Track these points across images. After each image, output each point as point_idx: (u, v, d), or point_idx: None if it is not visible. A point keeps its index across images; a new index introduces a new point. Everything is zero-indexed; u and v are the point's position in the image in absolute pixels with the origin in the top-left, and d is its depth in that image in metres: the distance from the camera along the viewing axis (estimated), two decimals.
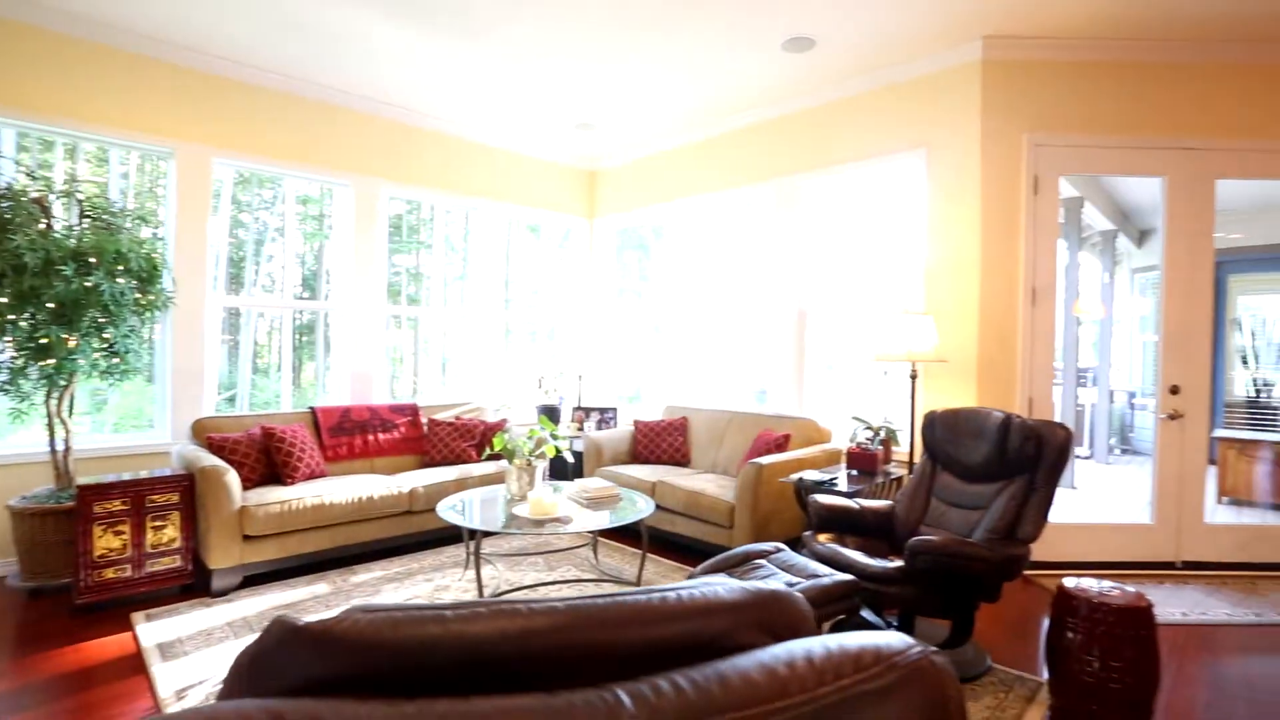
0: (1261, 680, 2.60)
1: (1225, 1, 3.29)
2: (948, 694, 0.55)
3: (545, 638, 0.58)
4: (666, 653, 0.61)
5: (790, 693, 0.54)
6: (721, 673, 0.55)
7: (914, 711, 0.54)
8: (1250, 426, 6.58)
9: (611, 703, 0.52)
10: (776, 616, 0.66)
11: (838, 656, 0.56)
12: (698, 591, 0.66)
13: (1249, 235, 7.00)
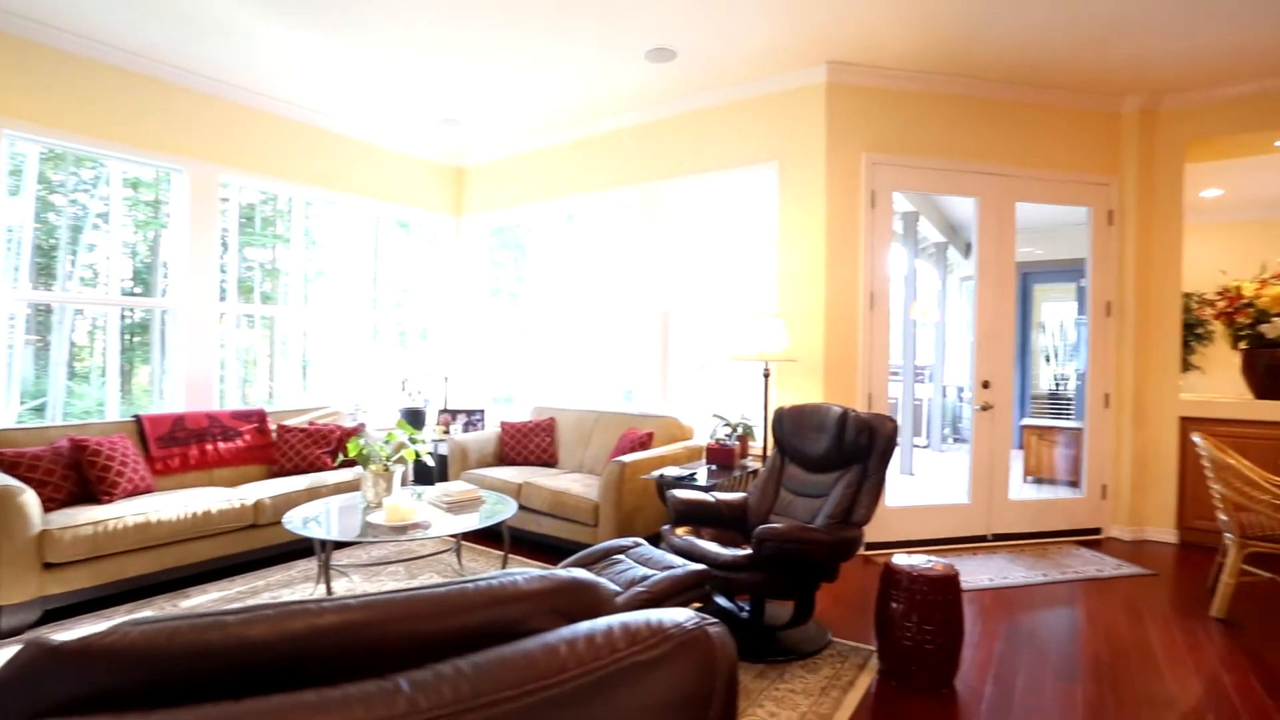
0: (1043, 629, 3.03)
1: (1026, 51, 3.79)
2: (717, 659, 0.62)
3: (337, 635, 0.58)
4: (464, 642, 0.63)
5: (568, 668, 0.58)
6: (504, 655, 0.59)
7: (685, 676, 0.60)
8: (1051, 415, 7.57)
9: (390, 689, 0.54)
10: (573, 601, 0.71)
11: (618, 632, 0.61)
12: (496, 581, 0.69)
13: (1047, 250, 8.07)
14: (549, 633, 0.63)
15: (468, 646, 0.63)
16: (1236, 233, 7.33)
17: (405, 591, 0.63)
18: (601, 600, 0.75)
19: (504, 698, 0.55)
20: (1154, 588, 3.60)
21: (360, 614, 0.60)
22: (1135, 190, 4.49)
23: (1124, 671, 2.66)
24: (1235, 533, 3.17)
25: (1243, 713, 2.37)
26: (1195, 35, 3.63)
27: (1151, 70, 4.09)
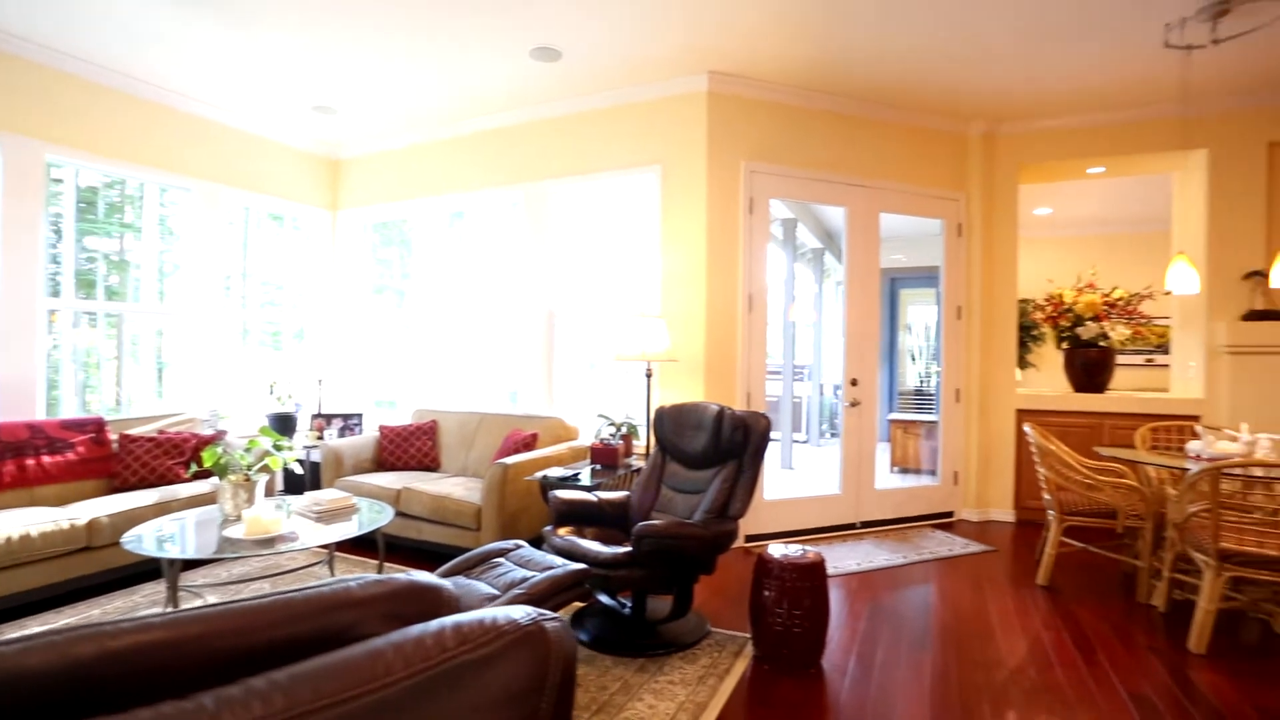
0: (901, 606, 3.29)
1: (890, 76, 4.10)
2: (551, 654, 0.63)
3: (137, 657, 0.54)
4: (292, 653, 0.61)
5: (393, 671, 0.57)
6: (325, 663, 0.57)
7: (517, 673, 0.61)
8: (916, 410, 8.22)
9: (191, 710, 0.51)
10: (411, 605, 0.70)
11: (449, 633, 0.62)
12: (327, 589, 0.67)
13: (912, 258, 8.76)
14: (378, 638, 0.62)
15: (297, 658, 0.61)
16: (1062, 247, 8.28)
17: (219, 606, 0.60)
18: (442, 602, 0.74)
19: (323, 706, 0.53)
20: (994, 562, 4.00)
21: (164, 633, 0.56)
22: (980, 206, 4.97)
23: (966, 638, 2.94)
24: (1056, 510, 3.58)
25: (1056, 665, 2.69)
26: (1027, 74, 4.08)
27: (991, 100, 4.54)
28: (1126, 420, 4.61)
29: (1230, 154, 4.52)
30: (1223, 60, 3.91)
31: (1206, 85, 4.28)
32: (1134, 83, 4.25)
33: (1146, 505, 3.35)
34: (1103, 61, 3.98)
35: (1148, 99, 4.51)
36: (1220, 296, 4.52)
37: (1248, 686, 2.53)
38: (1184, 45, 3.70)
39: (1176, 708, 2.38)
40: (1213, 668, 2.68)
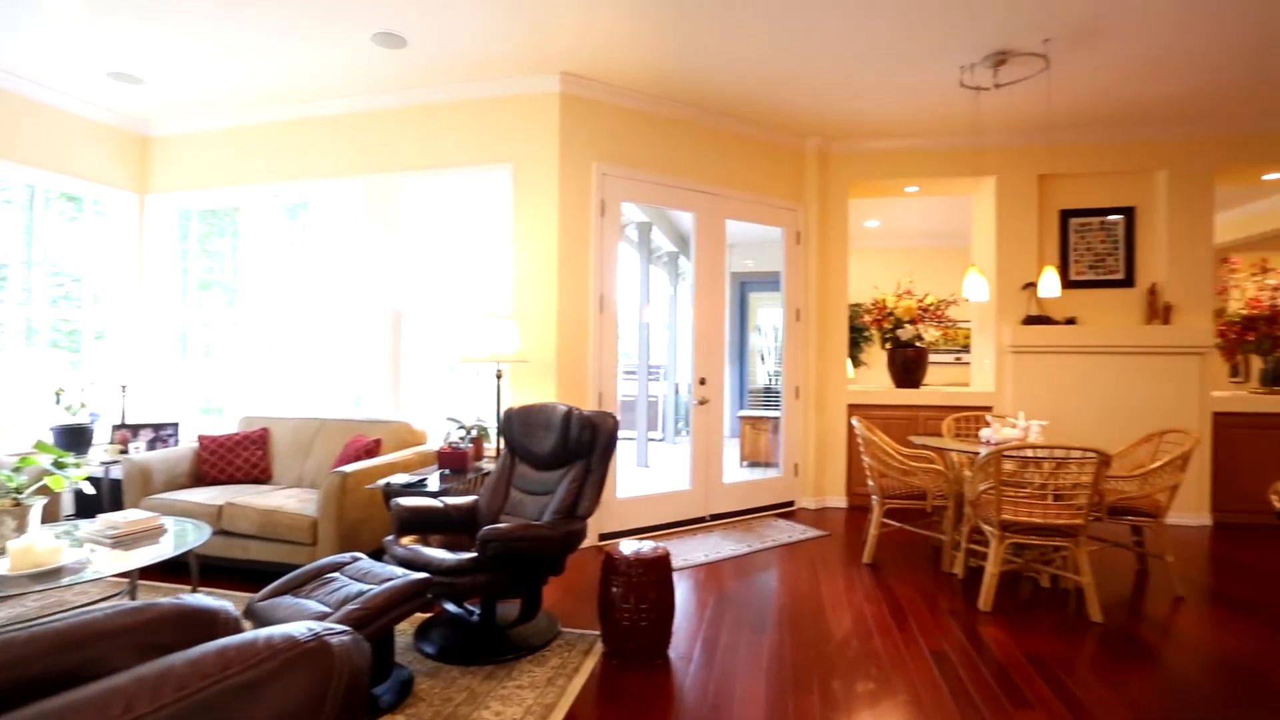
0: (744, 593, 3.48)
1: (737, 90, 4.32)
2: (334, 669, 0.60)
3: None
4: (14, 698, 0.53)
5: (135, 708, 0.52)
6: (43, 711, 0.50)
7: (290, 695, 0.58)
8: (765, 406, 8.72)
9: None
10: (176, 632, 0.64)
11: (211, 658, 0.57)
12: (63, 623, 0.59)
13: (760, 263, 9.30)
14: (125, 671, 0.55)
15: (19, 704, 0.53)
16: (888, 256, 9.17)
17: None
18: (218, 626, 0.68)
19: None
20: (828, 546, 4.35)
21: None
22: (816, 216, 5.38)
23: (800, 617, 3.17)
24: (878, 494, 3.96)
25: (875, 633, 2.97)
26: (853, 99, 4.47)
27: (824, 120, 4.94)
28: (937, 412, 5.20)
29: (1012, 182, 5.25)
30: (1005, 102, 4.53)
31: (994, 122, 4.93)
32: (938, 115, 4.81)
33: (950, 486, 3.80)
34: (913, 94, 4.45)
35: (949, 130, 5.11)
36: (1006, 303, 5.23)
37: (1020, 635, 2.95)
38: (974, 86, 4.24)
39: (966, 659, 2.72)
40: (996, 622, 3.09)
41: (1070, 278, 5.26)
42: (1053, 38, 3.68)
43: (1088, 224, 5.27)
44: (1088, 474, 3.08)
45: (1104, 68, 4.06)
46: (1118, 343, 4.96)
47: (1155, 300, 5.07)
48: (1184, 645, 2.90)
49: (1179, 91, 4.41)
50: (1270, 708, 2.38)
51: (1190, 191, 5.03)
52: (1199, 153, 5.01)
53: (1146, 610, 3.30)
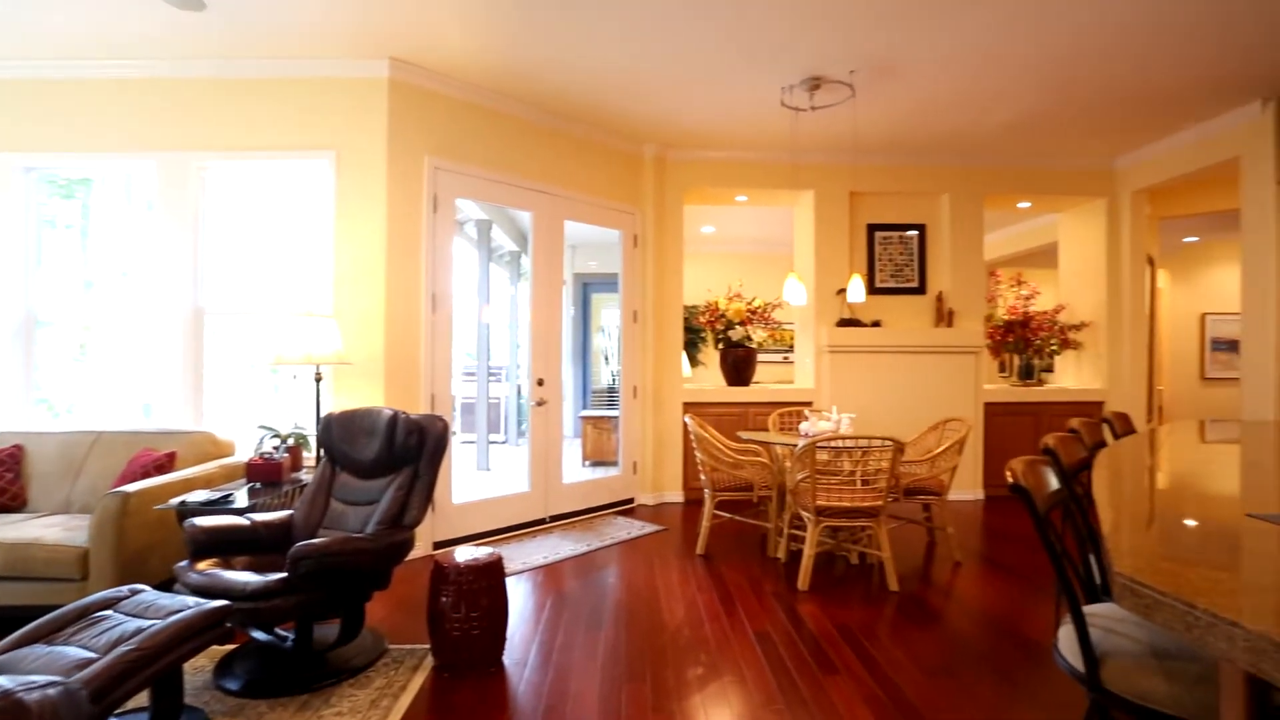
0: (582, 592, 3.50)
1: (574, 92, 4.32)
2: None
3: None
4: None
5: None
6: None
7: None
8: (608, 406, 8.85)
9: None
10: None
11: None
12: None
13: (603, 264, 9.42)
14: None
15: None
16: (722, 260, 9.69)
17: None
18: None
19: None
20: (665, 540, 4.50)
21: None
22: (653, 221, 5.55)
23: (635, 611, 3.24)
24: (710, 488, 4.17)
25: (706, 620, 3.12)
26: (687, 109, 4.67)
27: (661, 128, 5.11)
28: (765, 408, 5.58)
29: (827, 197, 5.77)
30: (820, 124, 4.96)
31: (811, 141, 5.39)
32: (764, 130, 5.16)
33: (774, 477, 4.08)
34: (741, 110, 4.74)
35: (774, 145, 5.51)
36: (823, 307, 5.73)
37: (832, 609, 3.24)
38: (794, 107, 4.61)
39: (786, 636, 2.94)
40: (812, 600, 3.38)
41: (876, 285, 5.89)
42: (857, 70, 4.09)
43: (889, 237, 5.93)
44: (887, 460, 3.46)
45: (898, 101, 4.58)
46: (913, 343, 5.62)
47: (942, 306, 5.82)
48: (961, 604, 3.35)
49: (956, 127, 5.09)
50: (1023, 648, 2.81)
51: (967, 214, 5.83)
52: (972, 181, 5.83)
53: (933, 576, 3.77)
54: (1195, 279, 8.70)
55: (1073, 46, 3.80)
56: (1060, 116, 4.88)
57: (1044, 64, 4.02)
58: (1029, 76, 4.20)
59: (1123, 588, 0.94)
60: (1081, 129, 5.15)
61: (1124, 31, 3.62)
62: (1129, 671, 1.28)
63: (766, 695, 2.44)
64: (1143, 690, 1.25)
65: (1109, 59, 3.95)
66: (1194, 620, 0.83)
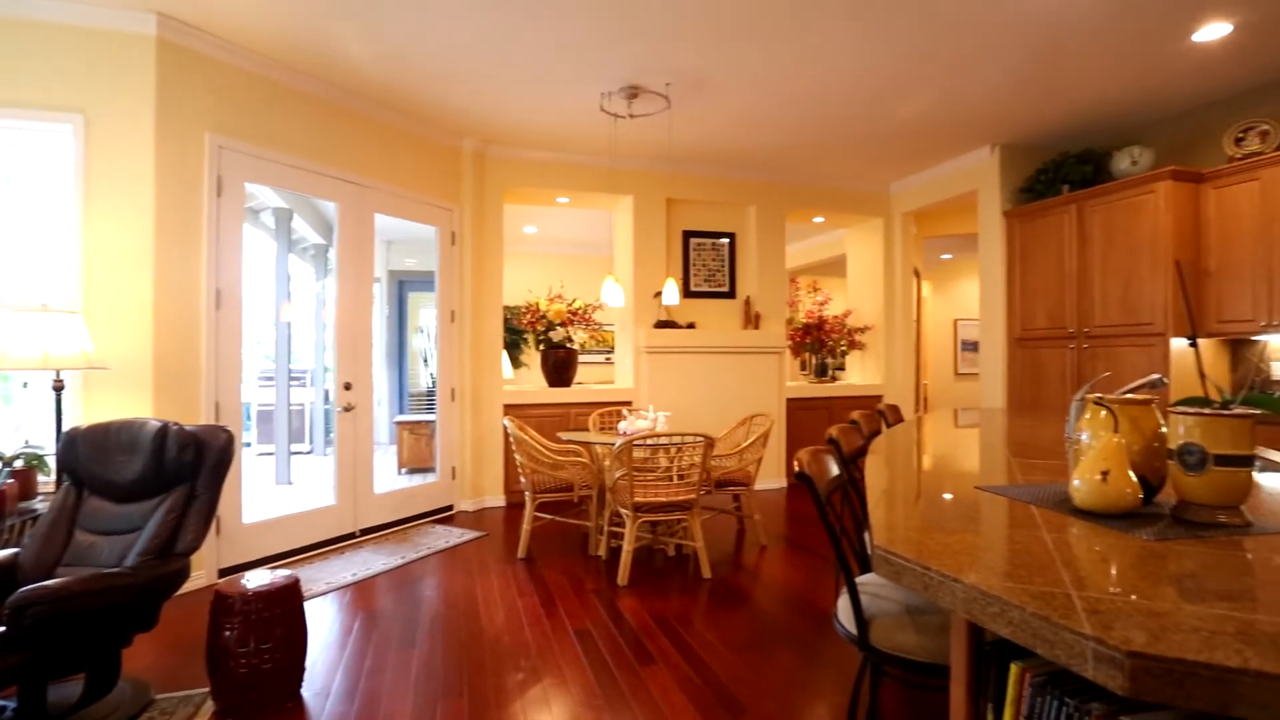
0: (395, 608, 3.30)
1: (383, 75, 4.04)
2: None
3: None
4: None
5: None
6: None
7: None
8: (429, 410, 8.42)
9: None
10: None
11: None
12: None
13: (422, 262, 8.96)
14: None
15: None
16: (545, 262, 9.67)
17: None
18: None
19: None
20: (486, 546, 4.38)
21: None
22: (472, 218, 5.38)
23: (453, 623, 3.12)
24: (531, 490, 4.13)
25: (526, 624, 3.08)
26: (509, 107, 4.58)
27: (481, 123, 4.96)
28: (586, 408, 5.64)
29: (646, 202, 5.98)
30: (639, 131, 5.13)
31: (631, 148, 5.56)
32: (585, 134, 5.22)
33: (594, 476, 4.14)
34: (563, 112, 4.75)
35: (595, 149, 5.60)
36: (641, 309, 5.94)
37: (650, 601, 3.36)
38: (613, 113, 4.71)
39: (606, 632, 2.99)
40: (632, 594, 3.47)
41: (691, 289, 6.21)
42: (672, 82, 4.28)
43: (703, 244, 6.29)
44: (699, 455, 3.66)
45: (710, 116, 4.87)
46: (725, 344, 6.01)
47: (750, 309, 6.29)
48: (765, 584, 3.64)
49: (762, 144, 5.53)
50: (815, 618, 3.12)
51: (771, 225, 6.36)
52: (776, 194, 6.37)
53: (742, 561, 4.05)
54: (949, 290, 10.25)
55: (845, 88, 4.29)
56: (839, 145, 5.50)
57: (824, 99, 4.50)
58: (811, 109, 4.68)
59: (878, 558, 1.07)
60: (863, 157, 5.84)
61: (889, 80, 4.16)
62: (890, 629, 1.46)
63: (586, 693, 2.46)
64: (899, 644, 1.43)
65: (879, 101, 4.52)
66: (930, 580, 0.96)
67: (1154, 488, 1.33)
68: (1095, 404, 1.34)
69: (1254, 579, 0.93)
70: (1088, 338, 4.81)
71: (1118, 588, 0.89)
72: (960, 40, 3.71)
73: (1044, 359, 5.16)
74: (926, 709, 2.33)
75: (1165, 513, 1.29)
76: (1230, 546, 1.08)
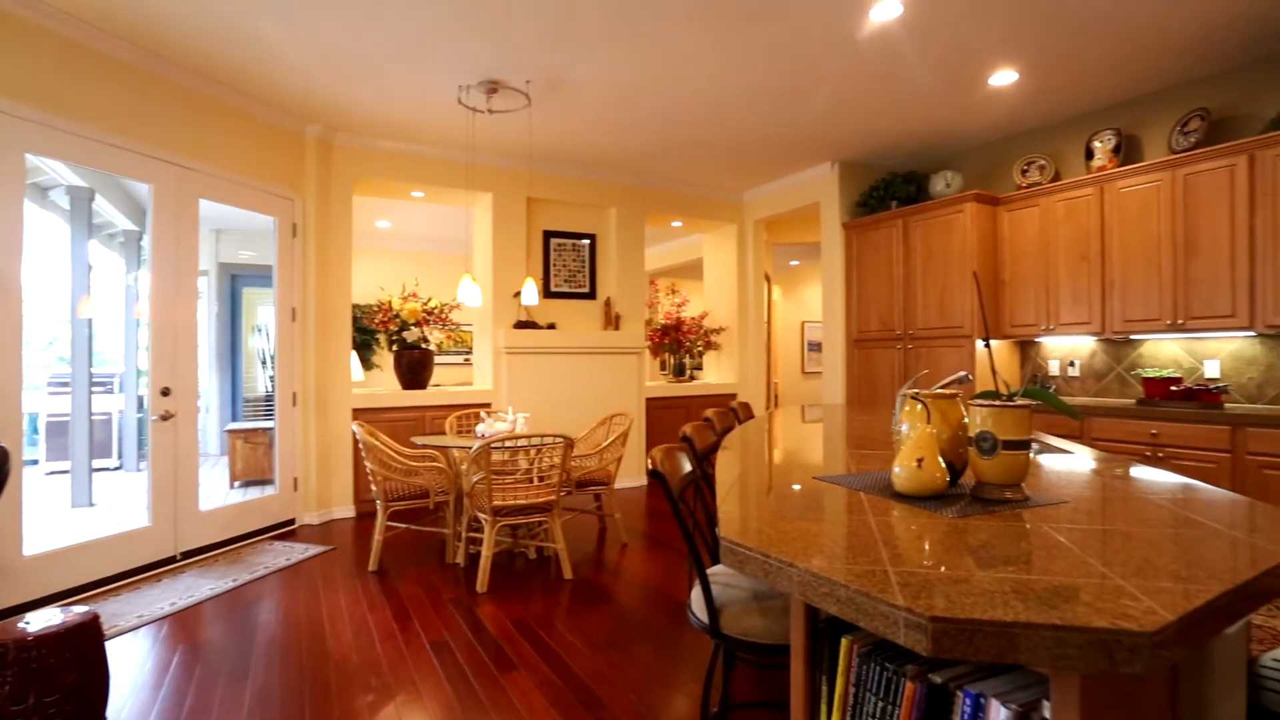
0: (224, 638, 2.98)
1: (209, 45, 3.62)
2: None
3: None
4: None
5: None
6: None
7: None
8: (268, 417, 7.70)
9: None
10: None
11: None
12: None
13: (261, 254, 8.18)
14: None
15: None
16: (399, 258, 9.22)
17: None
18: None
19: None
20: (333, 561, 4.08)
21: None
22: (316, 209, 4.99)
23: (294, 647, 2.87)
24: (382, 498, 3.90)
25: (378, 641, 2.91)
26: (360, 93, 4.28)
27: (330, 107, 4.61)
28: (443, 411, 5.43)
29: (506, 200, 5.87)
30: (500, 127, 5.02)
31: (490, 144, 5.43)
32: (442, 127, 5.02)
33: (451, 481, 3.99)
34: (419, 102, 4.53)
35: (453, 143, 5.40)
36: (501, 309, 5.82)
37: (510, 607, 3.30)
38: (472, 107, 4.58)
39: (465, 642, 2.90)
40: (491, 600, 3.39)
41: (551, 289, 6.18)
42: (532, 80, 4.23)
43: (564, 244, 6.27)
44: (559, 456, 3.64)
45: (570, 116, 4.87)
46: (585, 345, 6.04)
47: (610, 310, 6.36)
48: (626, 581, 3.69)
49: (621, 147, 5.61)
50: (673, 611, 3.21)
51: (631, 227, 6.48)
52: (636, 198, 6.49)
53: (604, 560, 4.09)
54: (797, 294, 11.01)
55: (695, 98, 4.48)
56: (695, 153, 5.72)
57: (677, 107, 4.66)
58: (666, 116, 4.83)
59: (725, 549, 1.12)
60: (718, 166, 6.11)
61: (737, 93, 4.39)
62: (738, 615, 1.54)
63: (444, 707, 2.37)
64: (747, 629, 1.51)
65: (727, 112, 4.76)
66: (770, 567, 1.03)
67: (958, 471, 1.51)
68: (912, 399, 1.50)
69: (1029, 544, 1.08)
70: (912, 339, 5.36)
71: (930, 561, 0.99)
72: (801, 62, 3.99)
73: (876, 358, 5.69)
74: (776, 688, 2.48)
75: (966, 493, 1.47)
76: (1013, 519, 1.25)
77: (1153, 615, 0.77)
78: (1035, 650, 0.75)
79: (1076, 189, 4.51)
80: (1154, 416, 3.90)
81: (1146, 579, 0.91)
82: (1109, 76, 4.21)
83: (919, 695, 0.98)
